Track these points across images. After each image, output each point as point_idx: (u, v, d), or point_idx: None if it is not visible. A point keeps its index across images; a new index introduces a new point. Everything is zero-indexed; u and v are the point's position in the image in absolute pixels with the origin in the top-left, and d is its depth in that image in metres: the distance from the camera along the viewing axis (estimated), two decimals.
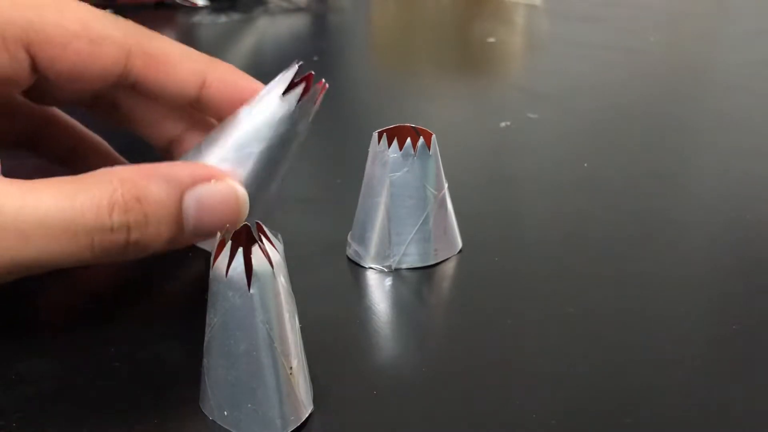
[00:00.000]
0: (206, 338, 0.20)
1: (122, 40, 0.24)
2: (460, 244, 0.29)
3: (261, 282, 0.19)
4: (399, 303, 0.26)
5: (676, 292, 0.27)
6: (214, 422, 0.20)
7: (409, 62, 0.61)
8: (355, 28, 0.73)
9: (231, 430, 0.20)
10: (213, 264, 0.19)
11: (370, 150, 0.27)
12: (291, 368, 0.20)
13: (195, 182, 0.22)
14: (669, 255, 0.30)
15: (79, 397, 0.21)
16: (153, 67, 0.25)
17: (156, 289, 0.27)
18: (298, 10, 0.72)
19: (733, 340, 0.24)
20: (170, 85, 0.25)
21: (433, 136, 0.27)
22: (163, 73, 0.25)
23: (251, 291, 0.19)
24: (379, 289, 0.27)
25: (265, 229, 0.20)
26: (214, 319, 0.19)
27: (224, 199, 0.23)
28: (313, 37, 0.68)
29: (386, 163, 0.27)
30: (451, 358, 0.23)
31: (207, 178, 0.22)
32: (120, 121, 0.28)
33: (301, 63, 0.25)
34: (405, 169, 0.26)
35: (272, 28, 0.68)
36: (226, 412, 0.20)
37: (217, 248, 0.19)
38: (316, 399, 0.21)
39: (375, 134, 0.27)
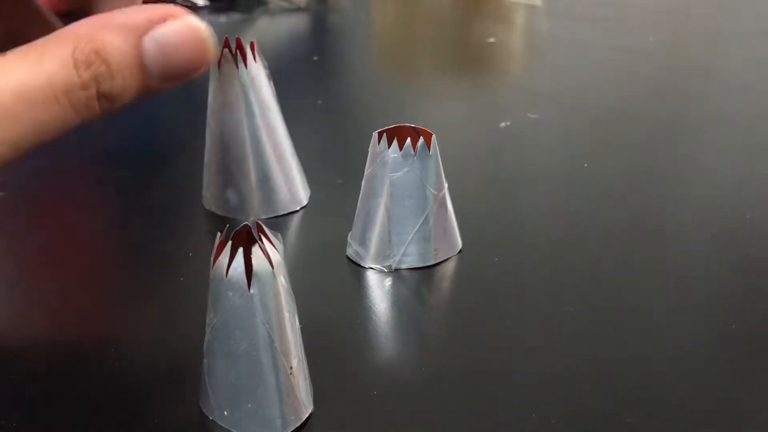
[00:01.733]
0: (206, 338, 0.20)
1: None
2: (460, 244, 0.29)
3: (261, 282, 0.19)
4: (399, 303, 0.26)
5: (676, 292, 0.27)
6: (214, 422, 0.20)
7: (409, 62, 0.61)
8: (355, 28, 0.73)
9: (231, 430, 0.20)
10: (213, 264, 0.19)
11: (370, 150, 0.27)
12: (291, 368, 0.20)
13: (152, 24, 0.21)
14: (669, 255, 0.30)
15: (79, 397, 0.21)
16: None
17: (156, 288, 0.27)
18: (298, 10, 0.72)
19: (733, 340, 0.24)
20: None
21: (433, 136, 0.27)
22: None
23: (251, 291, 0.19)
24: (379, 289, 0.27)
25: (265, 229, 0.20)
26: (214, 319, 0.19)
27: (185, 36, 0.21)
28: (313, 37, 0.68)
29: (386, 163, 0.27)
30: (450, 358, 0.23)
31: (163, 18, 0.21)
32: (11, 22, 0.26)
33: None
34: (405, 169, 0.26)
35: (272, 28, 0.68)
36: (226, 412, 0.20)
37: (217, 248, 0.19)
38: (316, 399, 0.21)
39: (375, 134, 0.27)
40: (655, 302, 0.26)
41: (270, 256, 0.19)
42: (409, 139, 0.26)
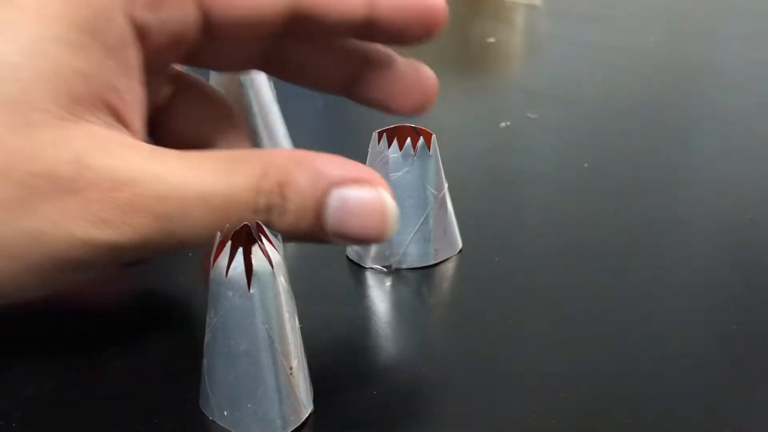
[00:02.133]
0: (206, 338, 0.20)
1: None
2: (460, 244, 0.29)
3: (261, 282, 0.19)
4: (399, 303, 0.26)
5: (676, 292, 0.27)
6: (214, 422, 0.20)
7: None
8: None
9: (231, 430, 0.20)
10: (213, 264, 0.19)
11: (370, 150, 0.27)
12: (291, 368, 0.20)
13: (344, 182, 0.21)
14: (669, 255, 0.30)
15: (79, 397, 0.21)
16: None
17: (156, 288, 0.27)
18: None
19: (733, 340, 0.24)
20: (337, 8, 0.23)
21: (433, 136, 0.27)
22: None
23: (251, 291, 0.19)
24: (379, 289, 0.27)
25: (265, 229, 0.20)
26: (214, 319, 0.19)
27: (371, 206, 0.21)
28: None
29: (386, 164, 0.27)
30: (451, 358, 0.23)
31: (359, 181, 0.21)
32: (292, 75, 0.27)
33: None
34: (405, 170, 0.26)
35: None
36: (226, 412, 0.20)
37: (217, 248, 0.19)
38: (316, 399, 0.21)
39: (375, 134, 0.27)
40: (655, 302, 0.26)
41: (270, 256, 0.19)
42: (409, 139, 0.26)
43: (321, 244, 0.22)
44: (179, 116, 0.26)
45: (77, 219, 0.19)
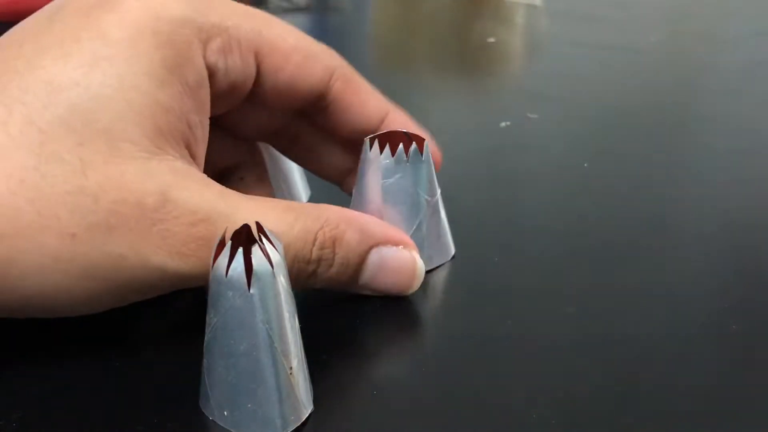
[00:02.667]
0: (206, 338, 0.20)
1: (328, 60, 0.26)
2: (453, 250, 0.29)
3: (261, 282, 0.19)
4: (399, 303, 0.26)
5: (676, 292, 0.27)
6: (214, 422, 0.20)
7: (409, 62, 0.61)
8: (355, 28, 0.73)
9: (231, 430, 0.20)
10: (213, 264, 0.19)
11: (362, 156, 0.27)
12: (291, 368, 0.20)
13: (386, 242, 0.24)
14: (669, 255, 0.30)
15: (79, 397, 0.21)
16: (349, 91, 0.26)
17: None
18: (298, 10, 0.72)
19: (733, 340, 0.24)
20: (360, 114, 0.27)
21: (426, 142, 0.26)
22: (357, 99, 0.27)
23: (251, 291, 0.19)
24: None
25: (265, 229, 0.20)
26: (214, 319, 0.19)
27: (404, 267, 0.25)
28: (313, 37, 0.68)
29: (378, 170, 0.26)
30: (450, 358, 0.23)
31: (396, 243, 0.24)
32: (296, 155, 0.29)
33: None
34: (398, 175, 0.26)
35: None
36: (226, 412, 0.20)
37: (217, 248, 0.19)
38: (316, 399, 0.21)
39: (367, 140, 0.26)
40: (655, 302, 0.26)
41: (270, 256, 0.19)
42: (401, 145, 0.26)
43: (344, 291, 0.25)
44: (210, 142, 0.28)
45: (156, 248, 0.20)
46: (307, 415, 0.20)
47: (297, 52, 0.25)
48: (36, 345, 0.23)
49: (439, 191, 0.28)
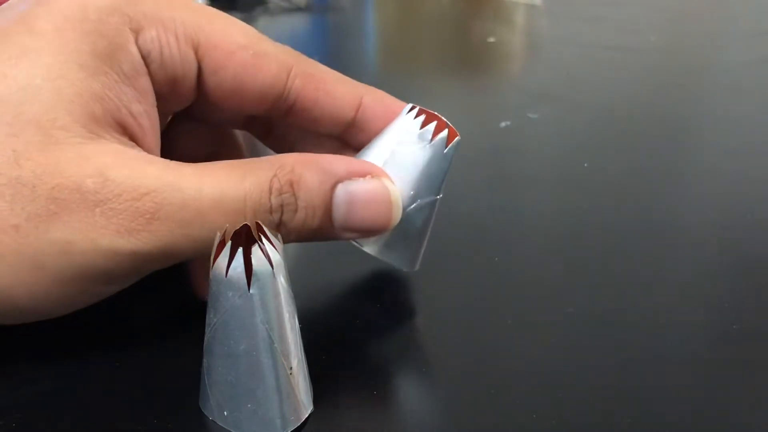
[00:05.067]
0: (206, 338, 0.20)
1: (283, 57, 0.25)
2: (417, 266, 0.26)
3: (261, 282, 0.19)
4: (399, 303, 0.26)
5: (677, 292, 0.27)
6: (214, 422, 0.20)
7: (409, 62, 0.61)
8: (356, 27, 0.73)
9: (231, 430, 0.20)
10: (213, 264, 0.19)
11: (397, 118, 0.25)
12: (291, 368, 0.20)
13: (350, 175, 0.22)
14: (669, 255, 0.30)
15: (78, 398, 0.21)
16: (312, 87, 0.25)
17: (156, 288, 0.27)
18: (298, 10, 0.72)
19: (733, 340, 0.24)
20: (329, 106, 0.25)
21: (457, 139, 0.25)
22: (323, 92, 0.25)
23: (251, 291, 0.19)
24: (379, 290, 0.27)
25: (265, 228, 0.20)
26: (214, 319, 0.19)
27: (376, 197, 0.23)
28: (313, 37, 0.68)
29: (400, 132, 0.24)
30: (450, 358, 0.23)
31: (362, 174, 0.23)
32: (270, 142, 0.28)
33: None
34: (411, 149, 0.24)
35: (272, 28, 0.68)
36: (226, 413, 0.20)
37: (217, 248, 0.19)
38: (316, 399, 0.21)
39: (408, 105, 0.25)
40: (655, 302, 0.26)
41: (270, 256, 0.19)
42: (434, 124, 0.24)
43: (331, 240, 0.23)
44: (180, 136, 0.27)
45: (102, 229, 0.20)
46: (307, 415, 0.20)
47: (242, 51, 0.24)
48: (36, 345, 0.23)
49: (440, 196, 0.25)
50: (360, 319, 0.25)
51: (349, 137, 0.27)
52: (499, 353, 0.24)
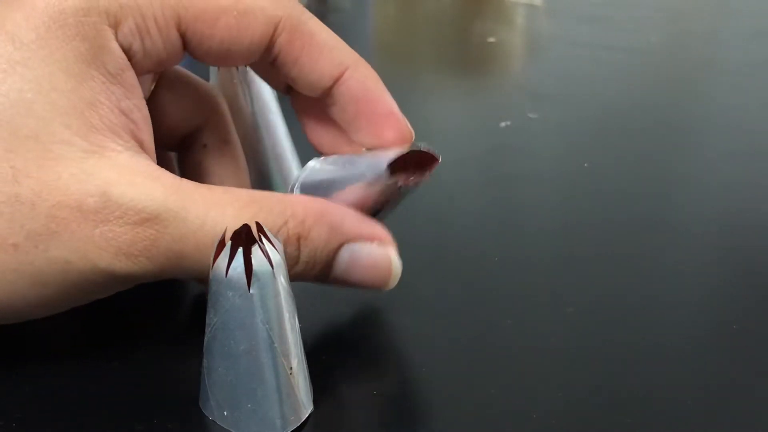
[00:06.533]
0: (206, 338, 0.20)
1: (272, 10, 0.23)
2: None
3: (261, 282, 0.19)
4: (399, 303, 0.26)
5: (676, 292, 0.27)
6: (214, 422, 0.20)
7: (409, 62, 0.61)
8: (356, 27, 0.73)
9: (231, 430, 0.20)
10: (213, 264, 0.19)
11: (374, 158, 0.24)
12: (291, 368, 0.20)
13: (357, 238, 0.22)
14: (669, 255, 0.30)
15: (78, 398, 0.21)
16: (297, 44, 0.24)
17: (155, 288, 0.27)
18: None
19: (733, 340, 0.24)
20: (309, 68, 0.24)
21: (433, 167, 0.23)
22: (306, 54, 0.24)
23: (251, 291, 0.19)
24: (379, 290, 0.27)
25: (265, 229, 0.20)
26: (214, 319, 0.19)
27: (379, 265, 0.23)
28: None
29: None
30: (450, 359, 0.23)
31: (370, 238, 0.23)
32: (268, 80, 0.27)
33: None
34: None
35: None
36: (226, 412, 0.20)
37: (217, 248, 0.19)
38: (316, 399, 0.21)
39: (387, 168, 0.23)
40: (655, 302, 0.26)
41: (270, 256, 0.19)
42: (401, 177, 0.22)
43: (319, 284, 0.23)
44: (163, 108, 0.26)
45: (101, 251, 0.20)
46: (307, 415, 0.20)
47: (226, 14, 0.23)
48: (35, 345, 0.23)
49: None
50: (360, 319, 0.25)
51: (325, 103, 0.26)
52: (499, 353, 0.24)
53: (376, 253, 0.23)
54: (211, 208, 0.20)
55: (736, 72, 0.56)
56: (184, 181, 0.21)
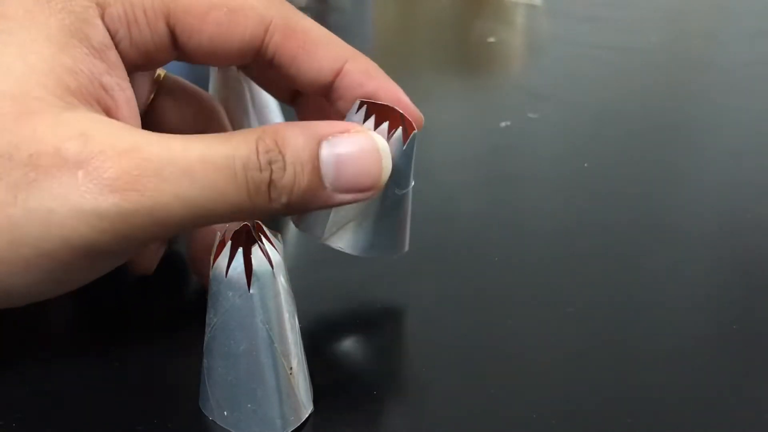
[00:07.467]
0: (206, 338, 0.20)
1: (262, 10, 0.23)
2: (406, 246, 0.26)
3: (261, 282, 0.19)
4: (399, 303, 0.26)
5: (676, 292, 0.27)
6: (214, 422, 0.20)
7: (410, 62, 0.61)
8: (356, 27, 0.73)
9: (231, 430, 0.20)
10: (213, 264, 0.19)
11: (347, 115, 0.25)
12: (291, 368, 0.20)
13: (332, 132, 0.21)
14: (669, 255, 0.30)
15: (78, 398, 0.21)
16: (293, 42, 0.24)
17: (155, 288, 0.27)
18: (298, 10, 0.72)
19: (733, 340, 0.24)
20: (307, 65, 0.24)
21: (414, 133, 0.24)
22: (303, 50, 0.24)
23: (251, 291, 0.19)
24: (379, 290, 0.27)
25: (265, 229, 0.20)
26: (214, 319, 0.19)
27: (364, 149, 0.22)
28: None
29: None
30: (450, 358, 0.23)
31: (344, 130, 0.22)
32: (249, 74, 0.28)
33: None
34: None
35: None
36: (226, 413, 0.20)
37: (217, 248, 0.19)
38: (316, 399, 0.21)
39: (356, 102, 0.24)
40: (655, 302, 0.26)
41: (270, 256, 0.19)
42: (386, 123, 0.23)
43: (327, 206, 0.22)
44: (163, 116, 0.27)
45: (85, 192, 0.19)
46: (307, 415, 0.20)
47: (216, 10, 0.23)
48: (35, 345, 0.23)
49: (411, 184, 0.25)
50: (360, 319, 0.25)
51: (330, 100, 0.26)
52: (499, 353, 0.24)
53: (358, 138, 0.22)
54: (188, 139, 0.20)
55: (736, 72, 0.56)
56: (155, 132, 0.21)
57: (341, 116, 0.25)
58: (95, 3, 0.22)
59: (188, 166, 0.19)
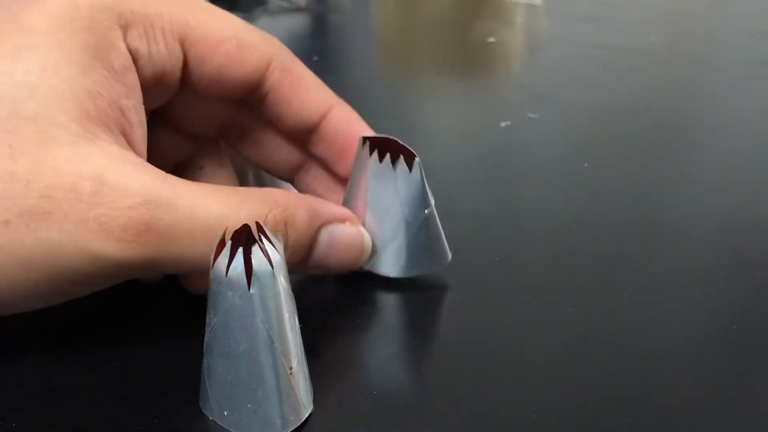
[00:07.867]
0: (206, 338, 0.20)
1: (265, 49, 0.25)
2: (448, 257, 0.27)
3: (261, 282, 0.19)
4: (399, 303, 0.26)
5: (676, 292, 0.27)
6: (214, 422, 0.20)
7: (409, 62, 0.61)
8: (356, 28, 0.73)
9: (231, 430, 0.20)
10: (213, 264, 0.19)
11: (356, 153, 0.26)
12: (291, 368, 0.20)
13: (333, 220, 0.24)
14: (669, 255, 0.30)
15: (78, 397, 0.21)
16: (287, 82, 0.26)
17: (155, 288, 0.27)
18: (298, 10, 0.72)
19: (733, 340, 0.24)
20: (298, 106, 0.26)
21: (417, 160, 0.25)
22: (296, 91, 0.26)
23: (251, 291, 0.19)
24: (379, 291, 0.27)
25: (265, 229, 0.20)
26: (214, 319, 0.19)
27: (353, 243, 0.25)
28: (313, 37, 0.68)
29: (367, 170, 0.25)
30: (450, 358, 0.23)
31: (342, 220, 0.25)
32: (243, 150, 0.28)
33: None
34: (381, 185, 0.25)
35: (272, 28, 0.68)
36: (226, 413, 0.20)
37: (217, 248, 0.19)
38: (316, 399, 0.21)
39: (360, 139, 0.26)
40: (655, 302, 0.26)
41: (270, 256, 0.19)
42: (388, 156, 0.25)
43: (296, 273, 0.24)
44: (161, 140, 0.27)
45: (93, 234, 0.20)
46: (307, 415, 0.20)
47: (227, 42, 0.24)
48: (35, 345, 0.23)
49: (432, 202, 0.26)
50: (360, 319, 0.25)
51: (310, 144, 0.27)
52: (499, 353, 0.24)
53: (351, 232, 0.25)
54: (198, 197, 0.21)
55: (736, 72, 0.56)
56: (170, 174, 0.21)
57: (343, 181, 0.27)
58: (118, 23, 0.22)
59: (192, 232, 0.21)
